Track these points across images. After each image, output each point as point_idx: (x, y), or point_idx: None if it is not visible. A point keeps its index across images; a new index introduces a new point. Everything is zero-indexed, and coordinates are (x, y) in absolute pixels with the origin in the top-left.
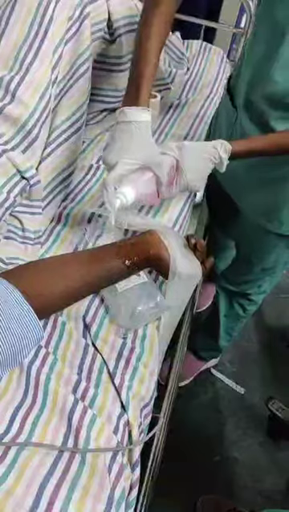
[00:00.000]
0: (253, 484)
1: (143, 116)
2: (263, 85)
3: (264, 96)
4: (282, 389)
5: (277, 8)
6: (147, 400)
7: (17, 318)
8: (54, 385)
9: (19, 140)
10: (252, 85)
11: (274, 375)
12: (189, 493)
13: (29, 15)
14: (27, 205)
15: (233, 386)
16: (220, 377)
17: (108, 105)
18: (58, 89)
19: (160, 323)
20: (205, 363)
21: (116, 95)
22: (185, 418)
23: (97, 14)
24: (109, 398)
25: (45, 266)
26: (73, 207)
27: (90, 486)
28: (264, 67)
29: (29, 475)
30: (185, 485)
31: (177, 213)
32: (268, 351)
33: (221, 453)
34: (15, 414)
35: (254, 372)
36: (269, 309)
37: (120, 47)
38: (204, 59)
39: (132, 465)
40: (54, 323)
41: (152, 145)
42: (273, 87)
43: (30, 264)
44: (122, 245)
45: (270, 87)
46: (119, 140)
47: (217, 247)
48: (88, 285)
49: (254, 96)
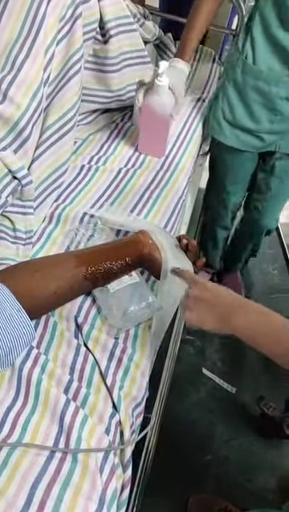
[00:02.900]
0: (244, 483)
1: (186, 67)
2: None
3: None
4: (272, 388)
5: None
6: (138, 400)
7: (8, 318)
8: (46, 385)
9: (11, 139)
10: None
11: (265, 374)
12: (180, 492)
13: (21, 14)
14: (19, 205)
15: (224, 385)
16: (211, 376)
17: (100, 105)
18: (50, 89)
19: (152, 322)
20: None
21: (108, 96)
22: (176, 417)
23: (89, 15)
24: (101, 398)
25: (36, 266)
26: (65, 207)
27: (82, 486)
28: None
29: (20, 475)
30: (177, 485)
31: (169, 213)
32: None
33: (212, 452)
34: (6, 414)
35: (246, 372)
36: None
37: (112, 48)
38: (195, 60)
39: (123, 465)
40: (46, 324)
41: (182, 83)
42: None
43: (22, 264)
44: (114, 245)
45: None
46: (170, 74)
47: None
48: (80, 285)
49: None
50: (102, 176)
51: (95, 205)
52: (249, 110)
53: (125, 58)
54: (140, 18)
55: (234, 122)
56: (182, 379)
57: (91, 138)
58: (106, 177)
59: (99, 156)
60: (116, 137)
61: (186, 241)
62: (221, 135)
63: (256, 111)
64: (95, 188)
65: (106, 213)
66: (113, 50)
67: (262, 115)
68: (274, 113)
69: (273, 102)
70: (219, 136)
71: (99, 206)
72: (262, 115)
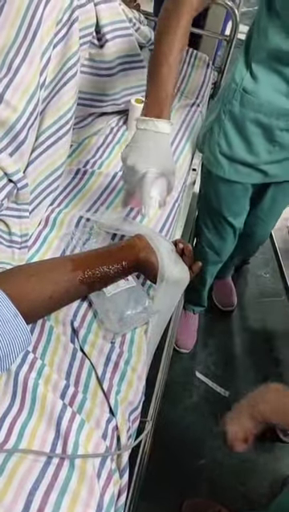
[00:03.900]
0: (237, 486)
1: (167, 129)
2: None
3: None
4: None
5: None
6: (135, 405)
7: (4, 323)
8: (43, 390)
9: (6, 142)
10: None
11: (258, 377)
12: (174, 496)
13: (17, 18)
14: (14, 209)
15: (217, 389)
16: (204, 380)
17: (96, 109)
18: (46, 92)
19: (148, 327)
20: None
21: (104, 100)
22: (169, 421)
23: (86, 19)
24: (98, 403)
25: (32, 270)
26: (60, 211)
27: (79, 492)
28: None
29: (17, 482)
30: (171, 488)
31: (164, 218)
32: (251, 353)
33: (206, 456)
34: (3, 420)
35: (238, 375)
36: (252, 312)
37: (108, 52)
38: (190, 65)
39: (120, 470)
40: (42, 328)
41: (170, 156)
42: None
43: (17, 268)
44: (110, 249)
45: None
46: (146, 148)
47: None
48: (76, 289)
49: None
50: (97, 180)
51: (91, 208)
52: (247, 143)
53: (121, 62)
54: (135, 23)
55: (232, 156)
56: (175, 382)
57: (87, 142)
58: (101, 181)
59: (95, 160)
60: (111, 141)
61: (182, 246)
62: (219, 169)
63: (255, 143)
64: (90, 192)
65: (102, 216)
66: (109, 55)
67: (260, 146)
68: (272, 144)
69: (272, 133)
70: (217, 171)
71: (94, 210)
72: (261, 147)
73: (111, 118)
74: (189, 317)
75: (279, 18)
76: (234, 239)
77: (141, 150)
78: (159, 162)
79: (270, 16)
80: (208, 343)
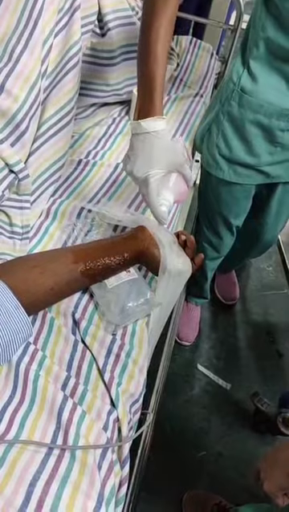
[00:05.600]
0: (238, 478)
1: (159, 125)
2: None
3: None
4: (267, 385)
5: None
6: (136, 397)
7: (5, 314)
8: (44, 382)
9: (8, 133)
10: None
11: (260, 370)
12: (174, 488)
13: (18, 6)
14: (15, 200)
15: (219, 381)
16: (206, 373)
17: (98, 99)
18: (47, 82)
19: (149, 319)
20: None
21: (106, 90)
22: (171, 413)
23: (87, 7)
24: (99, 395)
25: (34, 261)
26: (62, 202)
27: (80, 483)
28: None
29: (18, 473)
30: (171, 481)
31: None
32: (253, 346)
33: (206, 448)
34: (4, 411)
35: (240, 368)
36: (254, 305)
37: (111, 41)
38: (193, 55)
39: (121, 462)
40: (43, 320)
41: (172, 149)
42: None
43: (19, 259)
44: (112, 241)
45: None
46: (141, 152)
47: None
48: (77, 281)
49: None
50: (99, 170)
51: (93, 199)
52: (247, 145)
53: (123, 51)
54: (138, 11)
55: (232, 157)
56: (177, 375)
57: (89, 133)
58: (103, 172)
59: (97, 151)
60: (113, 132)
61: (185, 238)
62: (218, 171)
63: (255, 145)
64: (92, 182)
65: (103, 208)
66: (111, 44)
67: (261, 147)
68: (274, 145)
69: (273, 134)
70: (216, 172)
71: (96, 201)
72: (262, 148)
73: (114, 108)
74: (191, 309)
75: (278, 12)
76: (233, 236)
77: (137, 156)
78: (159, 161)
79: (267, 7)
80: (210, 335)
